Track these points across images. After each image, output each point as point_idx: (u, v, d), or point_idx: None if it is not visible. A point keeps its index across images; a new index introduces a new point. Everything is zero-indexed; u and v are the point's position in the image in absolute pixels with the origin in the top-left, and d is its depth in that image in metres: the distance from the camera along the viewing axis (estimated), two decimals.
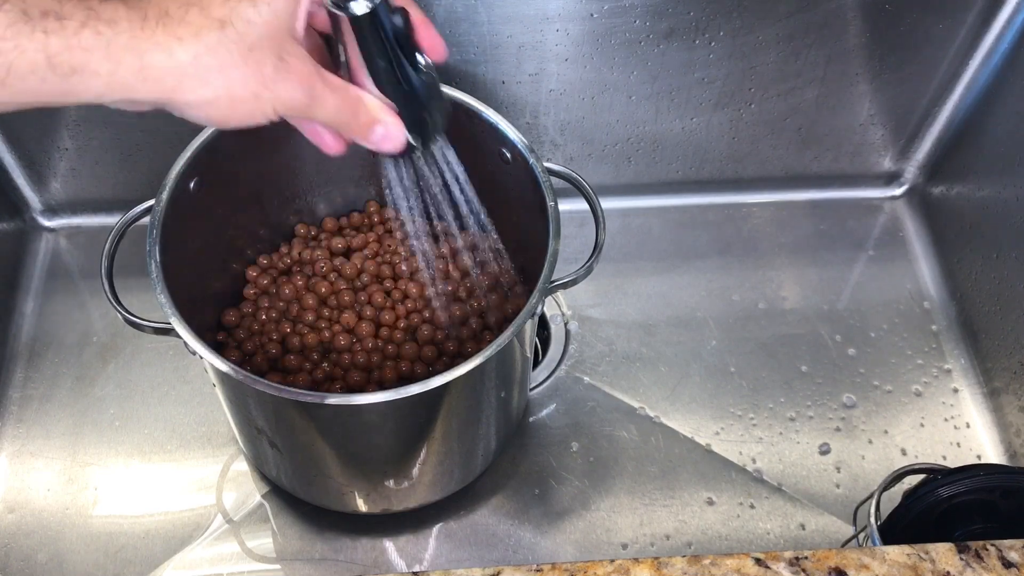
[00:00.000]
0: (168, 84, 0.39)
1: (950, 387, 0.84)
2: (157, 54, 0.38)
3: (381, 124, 0.47)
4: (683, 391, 0.82)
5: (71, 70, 0.37)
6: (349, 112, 0.45)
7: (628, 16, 0.76)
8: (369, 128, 0.47)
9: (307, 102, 0.43)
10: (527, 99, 0.82)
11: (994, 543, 0.47)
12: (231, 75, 0.40)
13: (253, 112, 0.42)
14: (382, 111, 0.47)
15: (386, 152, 0.49)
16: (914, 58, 0.83)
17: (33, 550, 0.74)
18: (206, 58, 0.39)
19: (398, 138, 0.48)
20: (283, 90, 0.41)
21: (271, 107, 0.42)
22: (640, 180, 0.91)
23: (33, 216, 0.90)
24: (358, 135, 0.47)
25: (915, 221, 0.94)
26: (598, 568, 0.46)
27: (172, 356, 0.82)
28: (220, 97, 0.40)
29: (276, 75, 0.41)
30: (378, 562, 0.73)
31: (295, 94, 0.42)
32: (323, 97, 0.44)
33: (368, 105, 0.46)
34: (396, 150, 0.49)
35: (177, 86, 0.39)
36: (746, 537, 0.75)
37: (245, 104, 0.41)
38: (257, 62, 0.40)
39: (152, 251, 0.60)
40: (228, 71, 0.40)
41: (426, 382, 0.56)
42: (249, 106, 0.41)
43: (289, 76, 0.42)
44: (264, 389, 0.55)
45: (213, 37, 0.39)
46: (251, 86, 0.40)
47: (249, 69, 0.40)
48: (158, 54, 0.38)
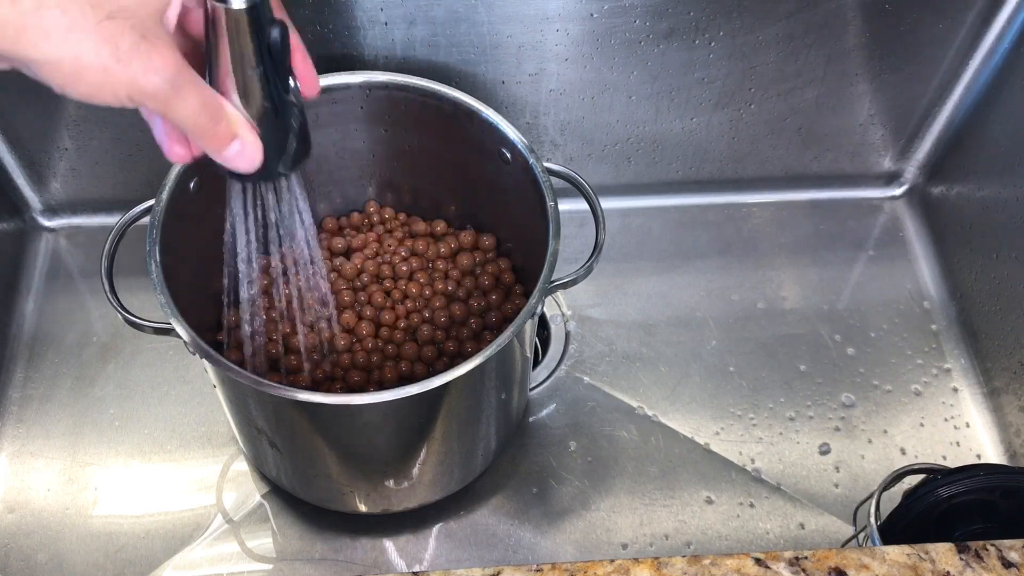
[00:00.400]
0: (8, 34, 0.36)
1: (950, 387, 0.84)
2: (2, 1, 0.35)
3: (239, 140, 0.44)
4: (683, 391, 0.82)
5: None
6: (209, 117, 0.42)
7: (628, 16, 0.76)
8: (227, 140, 0.44)
9: (167, 92, 0.40)
10: (527, 99, 0.82)
11: (994, 543, 0.47)
12: (80, 39, 0.37)
13: (101, 86, 0.38)
14: (243, 126, 0.44)
15: (237, 169, 0.45)
16: (914, 58, 0.83)
17: (33, 550, 0.74)
18: (54, 12, 0.36)
19: (253, 158, 0.45)
20: (140, 71, 0.38)
21: (124, 88, 0.39)
22: (640, 180, 0.91)
23: (33, 216, 0.90)
24: (213, 145, 0.43)
25: (915, 221, 0.94)
26: (598, 568, 0.46)
27: (172, 356, 0.82)
28: (64, 59, 0.37)
29: (133, 52, 0.38)
30: (378, 562, 0.73)
31: (154, 79, 0.39)
32: (185, 92, 0.40)
33: (230, 115, 0.43)
34: (248, 170, 0.46)
35: (18, 38, 0.36)
36: (746, 537, 0.75)
37: (92, 74, 0.38)
38: (112, 32, 0.37)
39: (152, 251, 0.60)
40: (77, 33, 0.37)
41: (426, 382, 0.56)
42: (97, 77, 0.38)
43: (150, 58, 0.38)
44: (264, 389, 0.55)
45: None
46: (102, 56, 0.37)
47: (101, 37, 0.37)
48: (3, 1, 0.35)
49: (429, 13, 0.74)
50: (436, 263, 0.76)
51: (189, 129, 0.42)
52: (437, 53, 0.77)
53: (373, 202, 0.80)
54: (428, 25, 0.75)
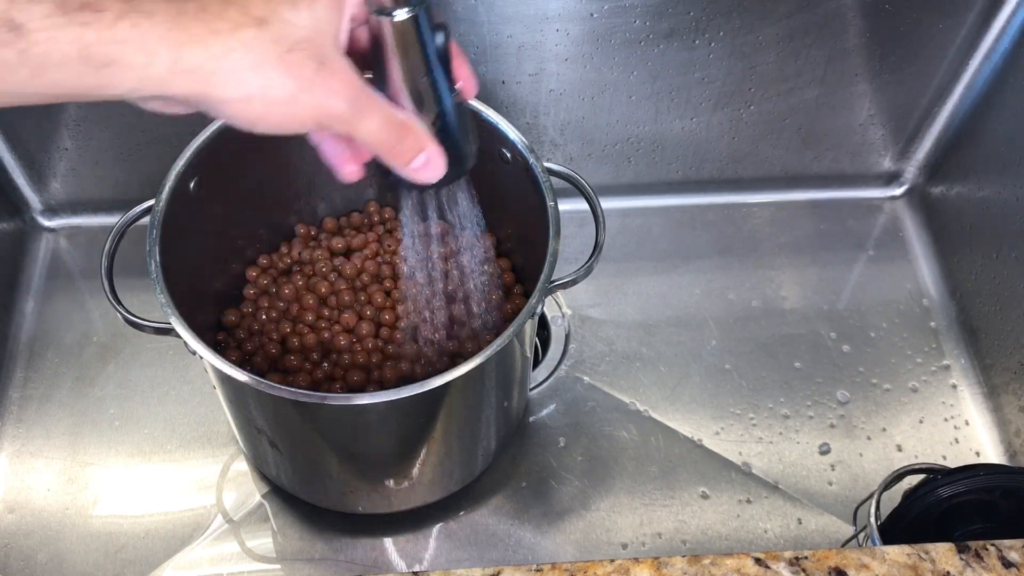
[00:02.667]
0: (200, 79, 0.37)
1: (950, 386, 0.84)
2: (192, 48, 0.37)
3: (425, 152, 0.44)
4: (683, 391, 0.82)
5: (105, 63, 0.36)
6: (394, 133, 0.43)
7: (628, 16, 0.76)
8: (414, 154, 0.44)
9: (350, 113, 0.41)
10: (527, 99, 0.82)
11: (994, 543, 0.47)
12: (267, 74, 0.38)
13: (289, 116, 0.40)
14: (427, 139, 0.44)
15: (424, 182, 0.45)
16: (914, 58, 0.83)
17: (33, 550, 0.74)
18: (241, 54, 0.37)
19: (439, 168, 0.45)
20: (323, 95, 0.39)
21: (309, 113, 0.40)
22: (640, 180, 0.91)
23: (33, 216, 0.90)
24: (399, 159, 0.44)
25: (915, 221, 0.94)
26: (598, 568, 0.46)
27: (172, 356, 0.82)
28: (254, 96, 0.38)
29: (316, 79, 0.39)
30: (378, 562, 0.73)
31: (337, 101, 0.40)
32: (368, 111, 0.41)
33: (414, 128, 0.44)
34: (434, 180, 0.46)
35: (210, 81, 0.37)
36: (746, 537, 0.75)
37: (281, 106, 0.39)
38: (296, 64, 0.39)
39: (152, 251, 0.60)
40: (263, 70, 0.38)
41: (426, 382, 0.56)
42: (285, 108, 0.39)
43: (331, 82, 0.40)
44: (264, 389, 0.55)
45: (250, 34, 0.37)
46: (288, 88, 0.39)
47: (286, 70, 0.38)
48: (193, 48, 0.37)
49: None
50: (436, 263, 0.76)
51: (375, 146, 0.43)
52: None
53: (373, 202, 0.80)
54: None
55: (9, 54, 0.35)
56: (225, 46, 0.37)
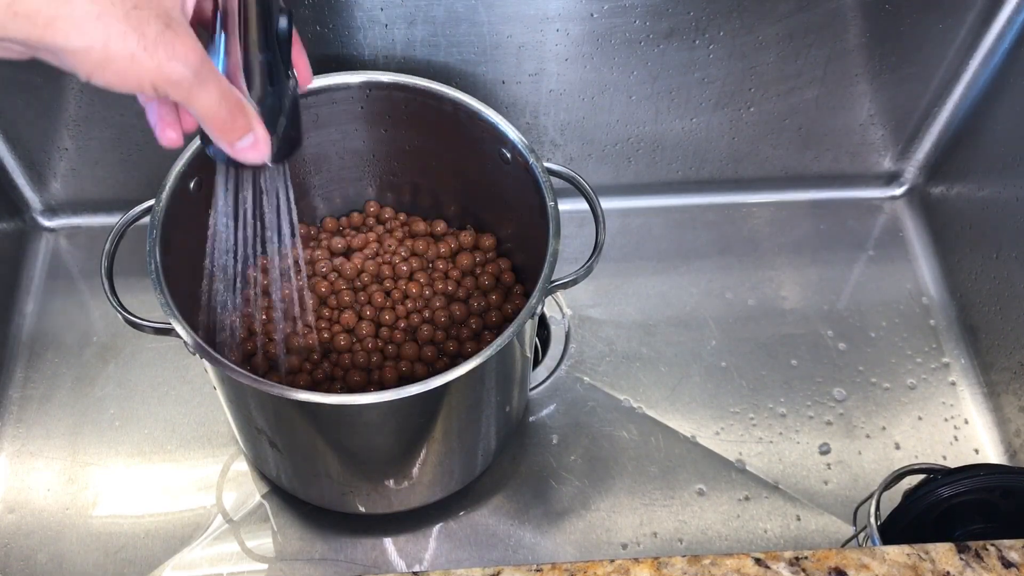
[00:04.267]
0: (39, 23, 0.36)
1: (950, 386, 0.84)
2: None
3: (252, 133, 0.45)
4: (683, 391, 0.82)
5: None
6: (227, 109, 0.43)
7: (628, 16, 0.76)
8: (242, 133, 0.44)
9: (191, 82, 0.40)
10: (527, 99, 0.82)
11: (994, 543, 0.47)
12: (110, 27, 0.37)
13: (127, 73, 0.39)
14: (256, 120, 0.45)
15: (247, 161, 0.46)
16: (914, 58, 0.83)
17: (33, 550, 0.74)
18: (83, 2, 0.37)
19: (264, 151, 0.46)
20: (165, 59, 0.39)
21: (149, 76, 0.39)
22: (640, 180, 0.91)
23: (33, 216, 0.90)
24: (227, 137, 0.44)
25: (915, 221, 0.94)
26: (598, 568, 0.46)
27: (172, 356, 0.82)
28: (93, 47, 0.37)
29: (160, 39, 0.38)
30: (378, 562, 0.73)
31: (179, 68, 0.39)
32: (207, 83, 0.41)
33: (247, 109, 0.44)
34: (258, 162, 0.46)
35: (49, 26, 0.37)
36: (746, 537, 0.75)
37: (119, 62, 0.38)
38: (140, 21, 0.38)
39: (152, 251, 0.60)
40: (107, 21, 0.37)
41: (426, 382, 0.56)
42: (124, 65, 0.38)
43: (176, 45, 0.39)
44: (264, 389, 0.55)
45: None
46: (131, 44, 0.38)
47: (129, 25, 0.37)
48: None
49: (429, 13, 0.74)
50: (436, 263, 0.76)
51: (207, 119, 0.43)
52: (437, 53, 0.77)
53: (373, 202, 0.80)
54: (428, 25, 0.75)
55: None
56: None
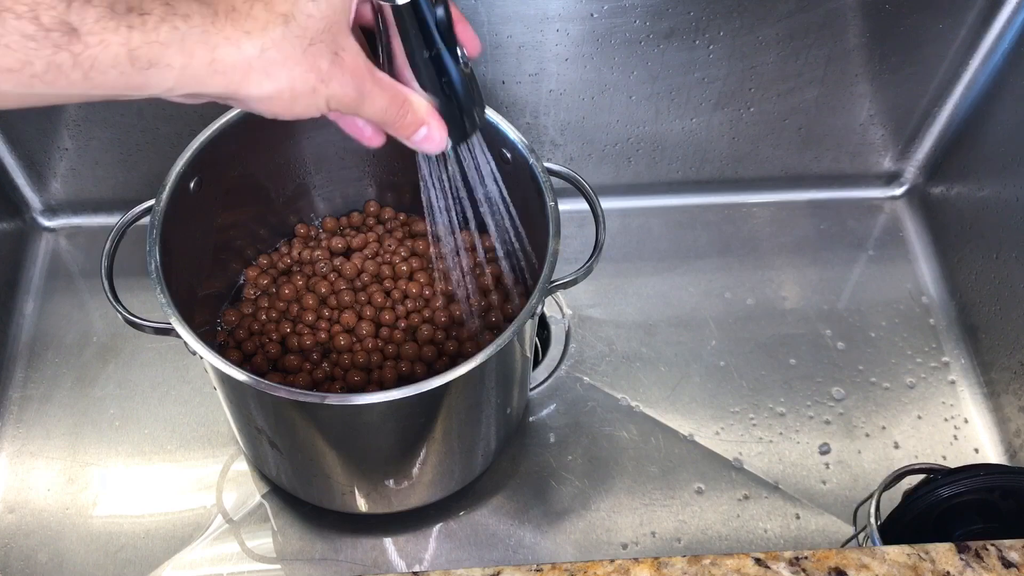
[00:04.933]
0: (235, 78, 0.39)
1: (950, 387, 0.84)
2: (227, 48, 0.39)
3: (426, 125, 0.47)
4: (683, 391, 0.82)
5: (149, 63, 0.38)
6: (396, 111, 0.46)
7: (628, 16, 0.76)
8: (414, 129, 0.47)
9: (357, 99, 0.44)
10: (527, 99, 0.82)
11: (994, 543, 0.47)
12: (293, 71, 0.40)
13: (309, 106, 0.42)
14: (428, 113, 0.47)
15: (427, 152, 0.49)
16: (914, 58, 0.83)
17: (33, 550, 0.74)
18: (271, 52, 0.40)
19: (440, 141, 0.49)
20: (336, 86, 0.42)
21: (324, 101, 0.42)
22: (640, 180, 0.91)
23: (33, 216, 0.90)
24: (402, 134, 0.47)
25: (915, 221, 0.94)
26: (598, 568, 0.46)
27: (172, 356, 0.82)
28: (283, 91, 0.41)
29: (331, 70, 0.42)
30: (378, 562, 0.73)
31: (347, 90, 0.43)
32: (372, 95, 0.44)
33: (415, 105, 0.47)
34: (437, 151, 0.49)
35: (243, 80, 0.40)
36: (746, 537, 0.75)
37: (304, 98, 0.42)
38: (315, 56, 0.41)
39: (152, 251, 0.60)
40: (291, 66, 0.40)
41: (426, 382, 0.56)
42: (307, 100, 0.42)
43: (343, 72, 0.42)
44: (264, 389, 0.55)
45: (278, 32, 0.40)
46: (310, 81, 0.41)
47: (308, 64, 0.41)
48: (228, 48, 0.39)
49: None
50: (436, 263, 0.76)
51: (379, 123, 0.47)
52: None
53: (373, 202, 0.80)
54: None
55: (64, 57, 0.36)
56: (257, 46, 0.39)
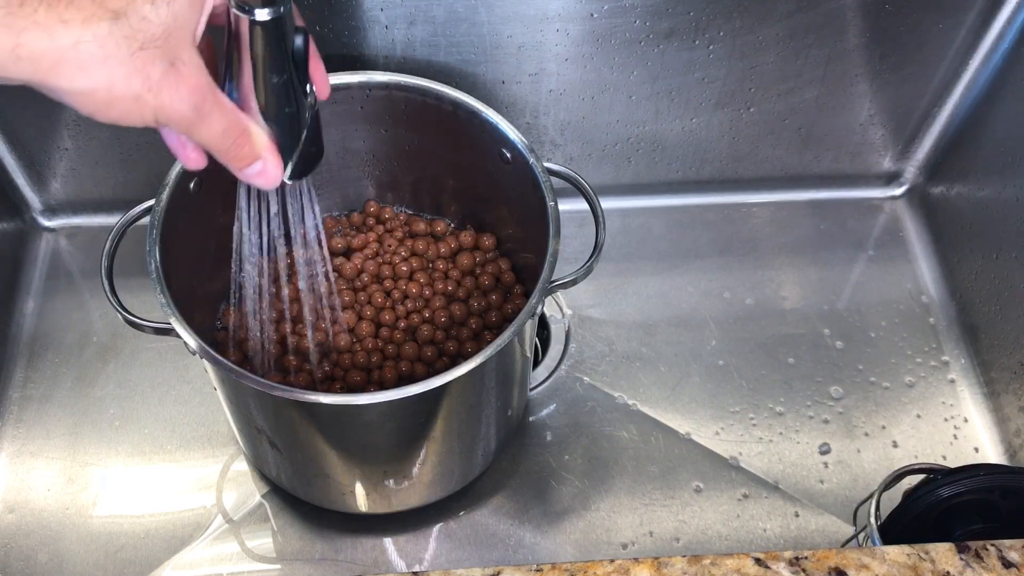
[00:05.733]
0: (43, 66, 0.37)
1: (950, 386, 0.84)
2: (36, 33, 0.36)
3: (261, 160, 0.45)
4: (683, 391, 0.82)
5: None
6: (232, 140, 0.43)
7: (628, 16, 0.76)
8: (249, 161, 0.45)
9: (192, 118, 0.40)
10: (527, 99, 0.82)
11: (994, 543, 0.47)
12: (114, 71, 0.37)
13: (130, 113, 0.39)
14: (266, 148, 0.45)
15: (257, 186, 0.46)
16: (914, 58, 0.83)
17: (33, 550, 0.74)
18: (90, 46, 0.37)
19: (274, 177, 0.46)
20: (168, 99, 0.39)
21: (152, 113, 0.39)
22: (640, 180, 0.91)
23: (33, 216, 0.90)
24: (234, 164, 0.44)
25: (915, 221, 0.94)
26: (598, 568, 0.46)
27: (172, 356, 0.82)
28: (98, 90, 0.38)
29: (164, 81, 0.39)
30: (378, 562, 0.73)
31: (180, 106, 0.40)
32: (210, 117, 0.41)
33: (253, 136, 0.44)
34: (269, 187, 0.47)
35: (53, 70, 0.37)
36: (746, 537, 0.75)
37: (123, 103, 0.39)
38: (145, 62, 0.38)
39: (152, 251, 0.60)
40: (112, 66, 0.37)
41: (426, 382, 0.56)
42: (126, 106, 0.39)
43: (179, 86, 0.39)
44: (264, 389, 0.55)
45: (103, 27, 0.37)
46: (133, 86, 0.38)
47: (135, 68, 0.38)
48: (37, 33, 0.36)
49: (429, 13, 0.74)
50: (436, 263, 0.76)
51: (212, 149, 0.43)
52: (437, 53, 0.77)
53: (373, 202, 0.80)
54: (428, 25, 0.75)
55: None
56: (73, 37, 0.36)
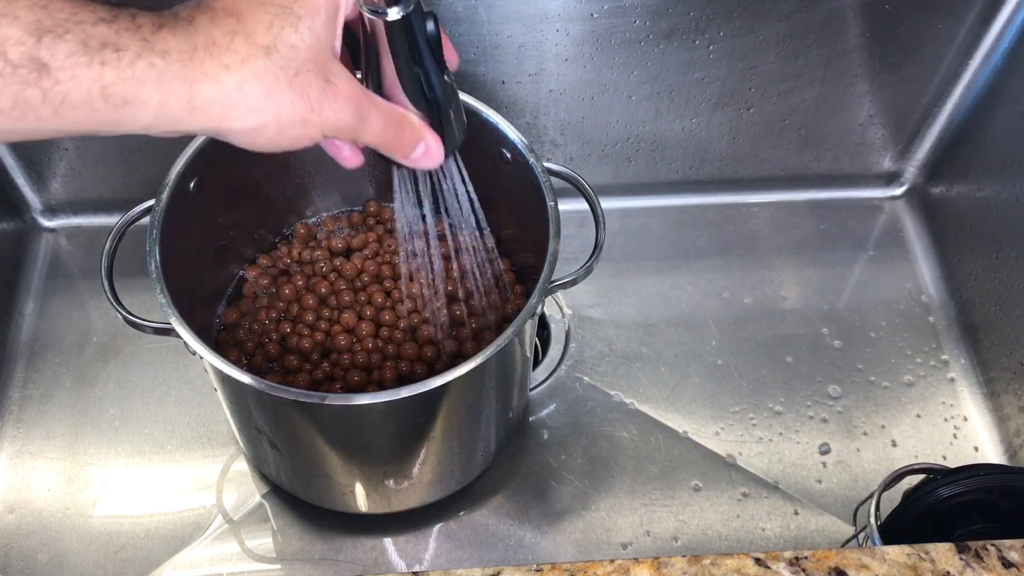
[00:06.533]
0: (215, 113, 0.38)
1: (950, 386, 0.84)
2: (205, 84, 0.38)
3: (423, 142, 0.47)
4: (683, 391, 0.82)
5: (123, 101, 0.36)
6: (394, 131, 0.45)
7: (628, 16, 0.76)
8: (413, 146, 0.46)
9: (356, 123, 0.43)
10: (527, 99, 0.82)
11: (994, 543, 0.47)
12: (279, 101, 0.39)
13: (300, 136, 0.41)
14: (424, 128, 0.47)
15: (423, 168, 0.48)
16: (914, 58, 0.83)
17: (33, 550, 0.74)
18: (253, 85, 0.39)
19: (438, 154, 0.48)
20: (331, 112, 0.41)
21: (319, 130, 0.41)
22: (640, 180, 0.91)
23: (33, 216, 0.90)
24: (399, 152, 0.46)
25: (915, 221, 0.94)
26: (598, 568, 0.46)
27: (172, 356, 0.82)
28: (268, 124, 0.40)
29: (323, 97, 0.41)
30: (378, 562, 0.73)
31: (343, 115, 0.42)
32: (370, 117, 0.43)
33: (412, 123, 0.46)
34: (433, 166, 0.48)
35: (224, 115, 0.39)
36: (746, 537, 0.75)
37: (293, 128, 0.41)
38: (303, 85, 0.40)
39: (152, 251, 0.60)
40: (275, 97, 0.39)
41: (426, 382, 0.56)
42: (297, 130, 0.41)
43: (337, 98, 0.41)
44: (264, 389, 0.55)
45: (259, 64, 0.39)
46: (299, 110, 0.40)
47: (296, 93, 0.40)
48: (206, 84, 0.38)
49: None
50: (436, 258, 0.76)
51: (378, 146, 0.45)
52: None
53: (373, 202, 0.80)
54: None
55: (33, 93, 0.35)
56: (236, 79, 0.38)
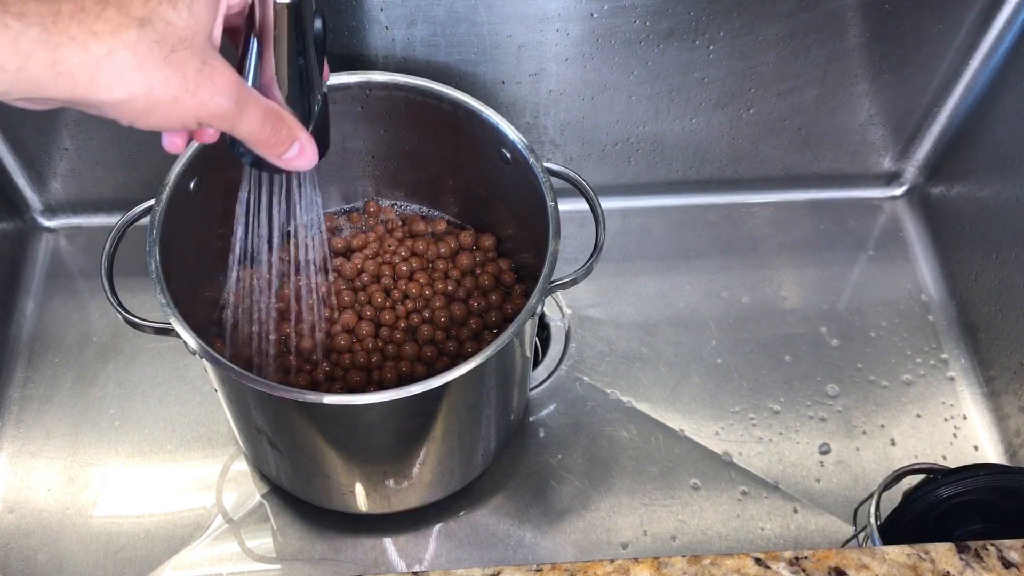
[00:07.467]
0: (81, 80, 0.37)
1: (950, 386, 0.84)
2: (72, 48, 0.36)
3: (299, 142, 0.45)
4: (683, 391, 0.82)
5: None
6: (271, 127, 0.44)
7: (628, 16, 0.76)
8: (287, 145, 0.45)
9: (234, 111, 0.41)
10: (527, 99, 0.82)
11: (994, 543, 0.47)
12: (152, 75, 0.38)
13: (170, 116, 0.40)
14: (298, 128, 0.45)
15: (296, 169, 0.47)
16: (914, 58, 0.83)
17: (33, 550, 0.74)
18: (124, 55, 0.37)
19: (312, 156, 0.46)
20: (207, 95, 0.40)
21: (193, 114, 0.40)
22: (640, 180, 0.91)
23: (33, 216, 0.90)
24: (274, 151, 0.45)
25: (915, 221, 0.94)
26: (598, 568, 0.46)
27: (172, 356, 0.82)
28: (137, 96, 0.38)
29: (200, 78, 0.39)
30: (378, 562, 0.73)
31: (221, 100, 0.40)
32: (248, 107, 0.42)
33: (288, 121, 0.45)
34: (306, 168, 0.47)
35: (91, 83, 0.37)
36: (746, 537, 0.75)
37: (163, 106, 0.39)
38: (180, 64, 0.38)
39: (152, 251, 0.60)
40: (148, 70, 0.38)
41: (426, 382, 0.56)
42: (167, 108, 0.39)
43: (215, 82, 0.40)
44: (264, 389, 0.55)
45: (132, 35, 0.37)
46: (173, 88, 0.38)
47: (171, 69, 0.38)
48: (73, 48, 0.36)
49: (429, 13, 0.74)
50: (436, 263, 0.76)
51: (253, 141, 0.44)
52: (437, 53, 0.77)
53: (373, 202, 0.80)
54: (428, 25, 0.75)
55: None
56: (106, 47, 0.37)
